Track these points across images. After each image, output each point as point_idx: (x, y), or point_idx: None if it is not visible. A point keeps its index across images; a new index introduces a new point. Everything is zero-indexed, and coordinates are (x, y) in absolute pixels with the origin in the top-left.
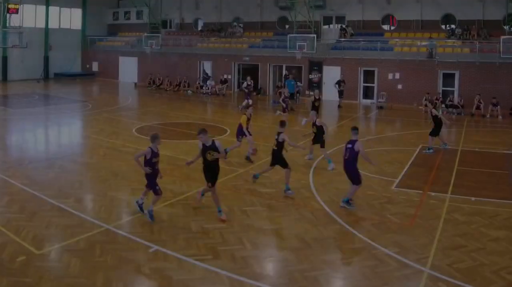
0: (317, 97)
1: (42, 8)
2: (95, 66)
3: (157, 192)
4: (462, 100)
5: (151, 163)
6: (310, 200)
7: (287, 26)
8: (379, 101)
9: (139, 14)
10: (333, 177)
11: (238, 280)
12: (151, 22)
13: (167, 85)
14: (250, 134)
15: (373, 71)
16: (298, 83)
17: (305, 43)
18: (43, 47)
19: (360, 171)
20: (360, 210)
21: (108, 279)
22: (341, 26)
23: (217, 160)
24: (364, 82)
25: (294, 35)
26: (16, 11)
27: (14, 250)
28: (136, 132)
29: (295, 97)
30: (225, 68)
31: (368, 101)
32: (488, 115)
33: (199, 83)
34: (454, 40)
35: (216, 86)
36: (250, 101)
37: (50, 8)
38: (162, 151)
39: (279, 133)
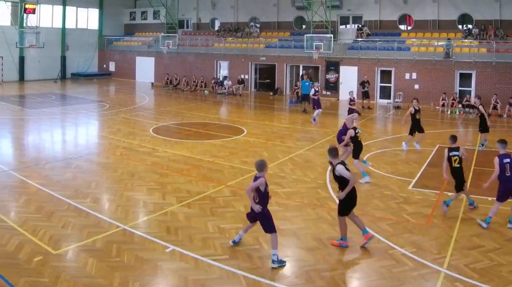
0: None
1: (59, 8)
2: (112, 66)
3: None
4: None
5: (266, 194)
6: (327, 200)
7: (303, 26)
8: (396, 101)
9: (156, 14)
10: None
11: (255, 280)
12: (168, 22)
13: (183, 85)
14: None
15: (390, 71)
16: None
17: (322, 43)
18: (60, 47)
19: (376, 170)
20: (377, 210)
21: (124, 279)
22: (358, 26)
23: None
24: (380, 82)
25: (311, 35)
26: (33, 11)
27: (31, 250)
28: (152, 132)
29: (309, 98)
30: (242, 68)
31: (385, 101)
32: (505, 115)
33: (214, 83)
34: (470, 40)
35: (233, 86)
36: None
37: (67, 8)
38: (179, 151)
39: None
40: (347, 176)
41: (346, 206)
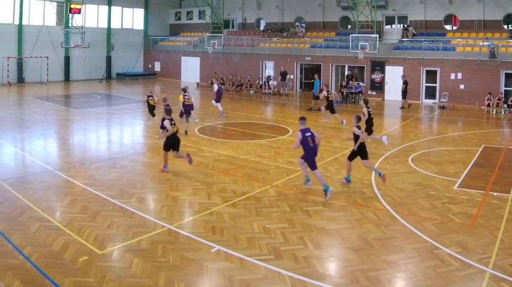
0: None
1: (105, 8)
2: (157, 66)
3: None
4: None
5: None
6: (373, 200)
7: (349, 26)
8: (441, 101)
9: (201, 14)
10: (396, 177)
11: (300, 280)
12: (213, 22)
13: (229, 85)
14: None
15: (435, 71)
16: (360, 83)
17: (367, 43)
18: (105, 47)
19: (421, 170)
20: (422, 210)
21: (170, 279)
22: (403, 26)
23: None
24: (426, 82)
25: (356, 35)
26: (79, 11)
27: (76, 250)
28: (198, 132)
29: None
30: (287, 68)
31: (430, 101)
32: None
33: (259, 83)
34: None
35: (280, 81)
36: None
37: (112, 8)
38: (224, 151)
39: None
40: (358, 133)
41: (355, 154)
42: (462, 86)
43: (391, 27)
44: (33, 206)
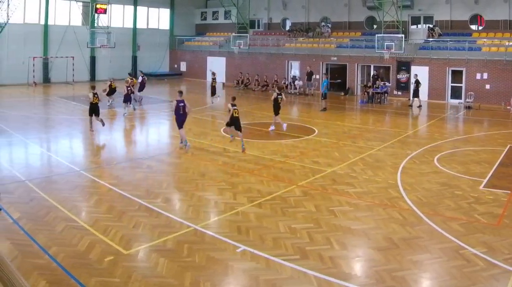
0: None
1: (130, 8)
2: (183, 66)
3: None
4: None
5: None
6: (398, 200)
7: (375, 26)
8: (467, 101)
9: (227, 14)
10: (421, 177)
11: (326, 280)
12: (239, 22)
13: (254, 85)
14: None
15: (461, 71)
16: (386, 83)
17: (393, 43)
18: (131, 47)
19: (447, 170)
20: (448, 210)
21: (195, 279)
22: (429, 26)
23: None
24: (452, 82)
25: (382, 35)
26: (104, 11)
27: (102, 250)
28: (223, 132)
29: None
30: (313, 68)
31: (456, 101)
32: None
33: (284, 83)
34: None
35: (305, 81)
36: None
37: (138, 8)
38: (249, 151)
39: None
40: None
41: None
42: (487, 86)
43: (417, 27)
44: (59, 206)
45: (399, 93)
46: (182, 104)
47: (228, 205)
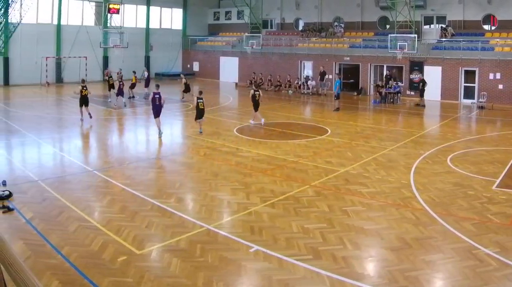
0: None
1: (143, 8)
2: (195, 66)
3: None
4: None
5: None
6: (411, 200)
7: (387, 26)
8: (480, 101)
9: (240, 14)
10: (434, 177)
11: (339, 280)
12: (252, 22)
13: (267, 85)
14: None
15: (474, 71)
16: (399, 83)
17: (406, 43)
18: (144, 47)
19: (460, 170)
20: (460, 210)
21: (208, 279)
22: (442, 26)
23: None
24: (464, 82)
25: (395, 35)
26: (117, 11)
27: (115, 250)
28: (236, 132)
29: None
30: (326, 68)
31: (469, 101)
32: None
33: (297, 83)
34: None
35: (318, 81)
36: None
37: (151, 8)
38: (262, 151)
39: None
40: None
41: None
42: (500, 86)
43: (430, 27)
44: (72, 206)
45: (412, 93)
46: (158, 96)
47: (241, 205)
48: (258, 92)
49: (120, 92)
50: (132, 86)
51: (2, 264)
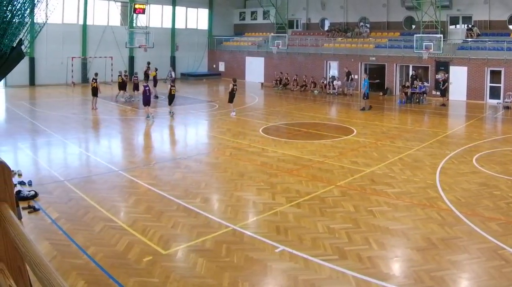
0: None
1: (169, 8)
2: (221, 66)
3: None
4: None
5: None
6: (437, 200)
7: (413, 26)
8: (506, 101)
9: (265, 14)
10: (460, 177)
11: (364, 280)
12: (278, 22)
13: (293, 85)
14: None
15: (500, 71)
16: (425, 83)
17: (432, 43)
18: (170, 47)
19: (486, 170)
20: (486, 210)
21: (234, 279)
22: (468, 26)
23: None
24: (490, 82)
25: (420, 35)
26: (143, 11)
27: (140, 250)
28: (262, 132)
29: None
30: (351, 68)
31: (495, 101)
32: None
33: (323, 83)
34: None
35: (344, 81)
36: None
37: (177, 8)
38: (288, 151)
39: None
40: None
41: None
42: None
43: (455, 27)
44: (97, 206)
45: (438, 93)
46: (148, 88)
47: (267, 205)
48: (236, 87)
49: (123, 87)
50: (136, 87)
51: (28, 265)
